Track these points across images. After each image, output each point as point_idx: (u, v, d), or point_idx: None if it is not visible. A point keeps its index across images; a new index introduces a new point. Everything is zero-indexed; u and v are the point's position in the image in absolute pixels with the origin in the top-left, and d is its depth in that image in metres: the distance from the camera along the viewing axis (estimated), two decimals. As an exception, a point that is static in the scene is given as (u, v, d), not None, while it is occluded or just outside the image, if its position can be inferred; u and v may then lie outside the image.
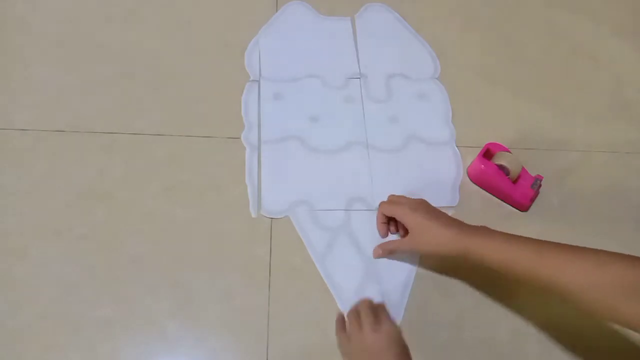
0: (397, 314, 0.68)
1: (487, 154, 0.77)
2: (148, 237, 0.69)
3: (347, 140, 0.79)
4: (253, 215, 0.71)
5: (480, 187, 0.78)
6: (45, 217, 0.68)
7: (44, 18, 0.83)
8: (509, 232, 0.74)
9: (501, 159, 0.76)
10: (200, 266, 0.68)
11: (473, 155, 0.78)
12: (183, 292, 0.66)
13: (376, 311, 0.62)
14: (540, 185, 0.76)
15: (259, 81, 0.81)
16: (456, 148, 0.80)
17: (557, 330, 0.68)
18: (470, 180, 0.78)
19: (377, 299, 0.68)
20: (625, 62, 0.92)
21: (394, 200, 0.72)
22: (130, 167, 0.73)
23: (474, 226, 0.66)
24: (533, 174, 0.77)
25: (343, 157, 0.77)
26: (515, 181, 0.76)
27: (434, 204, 0.75)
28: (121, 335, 0.63)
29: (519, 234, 0.73)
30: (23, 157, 0.72)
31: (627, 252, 0.74)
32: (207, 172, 0.74)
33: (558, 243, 0.60)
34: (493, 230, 0.64)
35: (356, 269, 0.70)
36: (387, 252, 0.70)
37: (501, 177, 0.75)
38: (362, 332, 0.60)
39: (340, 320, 0.64)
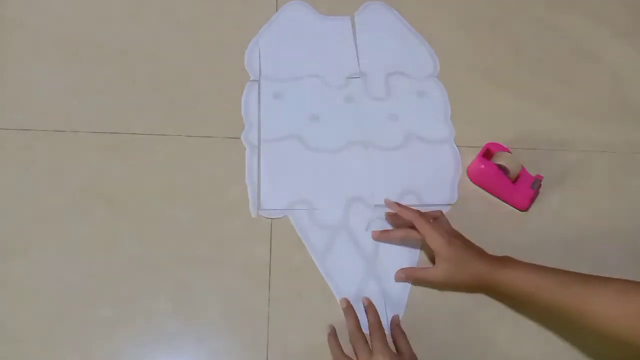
0: (398, 311, 0.68)
1: (487, 153, 0.77)
2: (148, 237, 0.69)
3: (347, 139, 0.79)
4: (253, 215, 0.71)
5: (480, 187, 0.78)
6: (45, 217, 0.68)
7: (44, 18, 0.83)
8: (509, 231, 0.75)
9: (501, 159, 0.76)
10: (200, 266, 0.68)
11: (473, 154, 0.78)
12: (183, 292, 0.66)
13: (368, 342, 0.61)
14: (540, 185, 0.76)
15: (259, 81, 0.81)
16: (455, 146, 0.80)
17: (558, 330, 0.68)
18: (470, 180, 0.78)
19: (377, 297, 0.68)
20: (625, 62, 0.92)
21: (426, 215, 0.70)
22: (130, 167, 0.73)
23: (500, 258, 0.66)
24: (533, 174, 0.77)
25: (343, 156, 0.77)
26: (515, 181, 0.76)
27: (433, 202, 0.76)
28: (121, 335, 0.63)
29: (520, 236, 0.74)
30: (23, 157, 0.72)
31: (628, 252, 0.75)
32: (207, 172, 0.74)
33: (581, 274, 0.61)
34: (518, 262, 0.65)
35: (356, 268, 0.70)
36: (411, 277, 0.69)
37: (501, 177, 0.75)
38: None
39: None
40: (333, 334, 0.64)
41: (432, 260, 0.69)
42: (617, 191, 0.80)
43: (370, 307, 0.66)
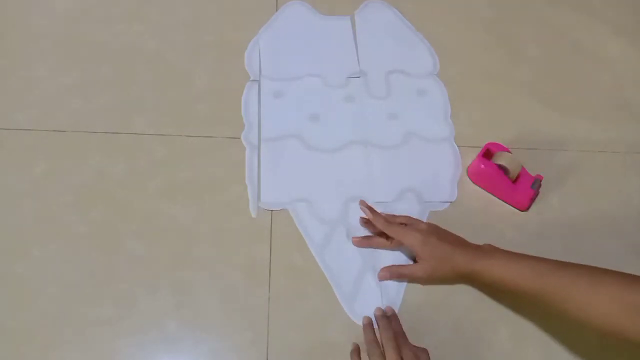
0: (395, 305, 0.68)
1: (487, 153, 0.77)
2: (148, 237, 0.69)
3: (347, 138, 0.79)
4: (253, 215, 0.71)
5: (480, 187, 0.78)
6: (45, 217, 0.68)
7: (44, 18, 0.83)
8: (508, 231, 0.75)
9: (501, 159, 0.75)
10: (200, 266, 0.68)
11: (473, 154, 0.78)
12: (183, 292, 0.66)
13: (395, 338, 0.62)
14: (540, 185, 0.76)
15: (259, 81, 0.81)
16: (455, 145, 0.80)
17: (557, 330, 0.68)
18: (470, 180, 0.78)
19: (374, 290, 0.68)
20: (626, 61, 0.92)
21: (400, 222, 0.70)
22: (130, 167, 0.73)
23: (479, 247, 0.68)
24: (533, 174, 0.77)
25: (343, 155, 0.77)
26: (515, 181, 0.76)
27: (432, 200, 0.76)
28: (121, 335, 0.63)
29: (520, 235, 0.74)
30: (23, 157, 0.72)
31: (628, 252, 0.75)
32: (207, 172, 0.74)
33: (558, 262, 0.62)
34: (497, 251, 0.66)
35: (354, 261, 0.70)
36: (395, 275, 0.69)
37: (501, 177, 0.75)
38: None
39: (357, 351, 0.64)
40: (356, 351, 0.64)
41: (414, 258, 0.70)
42: (617, 191, 0.80)
43: (381, 318, 0.65)
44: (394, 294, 0.69)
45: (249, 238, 0.70)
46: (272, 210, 0.72)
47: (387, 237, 0.70)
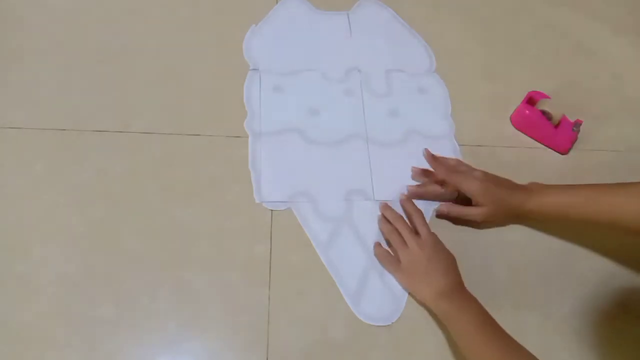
0: (399, 304, 0.68)
1: (530, 101, 0.81)
2: (148, 236, 0.68)
3: (347, 133, 0.79)
4: (257, 201, 0.72)
5: (523, 132, 0.81)
6: (45, 217, 0.68)
7: (44, 18, 0.83)
8: (508, 227, 0.74)
9: (544, 105, 0.79)
10: (200, 265, 0.68)
11: (473, 152, 0.79)
12: (183, 292, 0.66)
13: (411, 221, 0.70)
14: (579, 130, 0.80)
15: (259, 70, 0.82)
16: (455, 142, 0.81)
17: (558, 329, 0.68)
18: (514, 126, 0.82)
19: (380, 289, 0.68)
20: (626, 61, 0.92)
21: (455, 168, 0.74)
22: (129, 166, 0.73)
23: (528, 187, 0.71)
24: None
25: (343, 149, 0.78)
26: (556, 126, 0.80)
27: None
28: (121, 334, 0.63)
29: (520, 235, 0.74)
30: (23, 156, 0.72)
31: (625, 250, 0.75)
32: (207, 171, 0.73)
33: (610, 184, 0.66)
34: (545, 188, 0.71)
35: (358, 259, 0.70)
36: (454, 213, 0.72)
37: (544, 122, 0.79)
38: (409, 248, 0.67)
39: (382, 251, 0.70)
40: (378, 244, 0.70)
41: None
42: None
43: (386, 208, 0.72)
44: (399, 294, 0.69)
45: (249, 237, 0.70)
46: (272, 210, 0.72)
47: (441, 185, 0.74)
